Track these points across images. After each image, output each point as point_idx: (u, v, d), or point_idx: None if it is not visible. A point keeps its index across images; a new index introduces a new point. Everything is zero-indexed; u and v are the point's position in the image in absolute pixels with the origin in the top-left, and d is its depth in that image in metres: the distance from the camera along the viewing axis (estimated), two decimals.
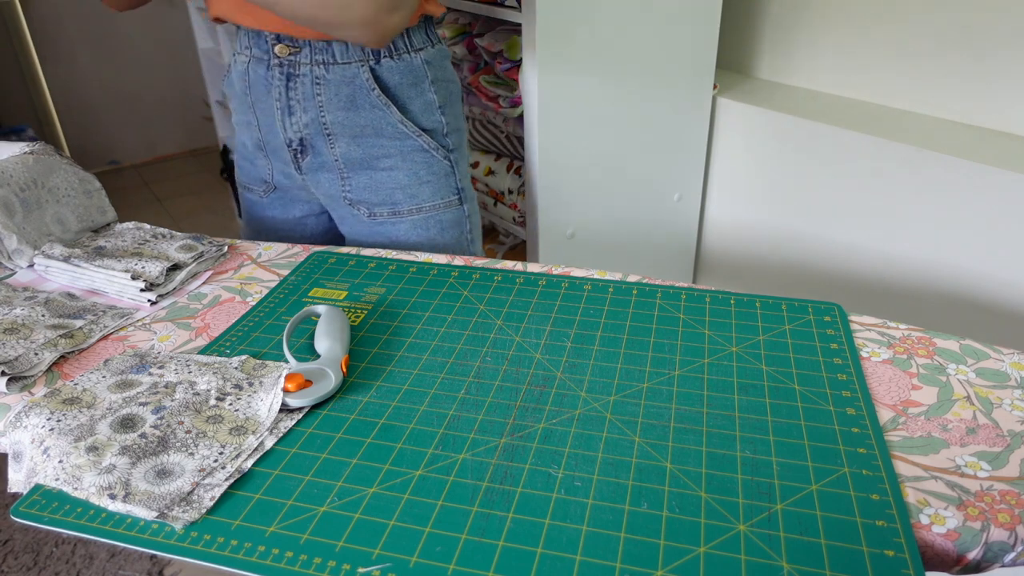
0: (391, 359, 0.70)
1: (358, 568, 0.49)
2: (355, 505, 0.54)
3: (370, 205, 0.98)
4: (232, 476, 0.56)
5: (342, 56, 0.90)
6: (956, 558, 0.50)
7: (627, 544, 0.50)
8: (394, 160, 0.96)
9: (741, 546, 0.49)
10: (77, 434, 0.58)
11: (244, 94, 0.98)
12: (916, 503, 0.52)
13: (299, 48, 0.91)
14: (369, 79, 0.91)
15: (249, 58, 0.95)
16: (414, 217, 0.99)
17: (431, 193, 0.99)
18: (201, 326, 0.77)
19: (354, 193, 0.98)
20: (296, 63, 0.91)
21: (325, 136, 0.95)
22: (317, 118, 0.94)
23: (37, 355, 0.70)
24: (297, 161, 0.98)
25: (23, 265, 0.87)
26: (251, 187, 1.07)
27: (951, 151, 1.09)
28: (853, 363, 0.67)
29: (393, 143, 0.95)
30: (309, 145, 0.96)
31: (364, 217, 0.99)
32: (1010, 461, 0.56)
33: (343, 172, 0.97)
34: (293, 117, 0.94)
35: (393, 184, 0.97)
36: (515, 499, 0.53)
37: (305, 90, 0.92)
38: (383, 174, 0.97)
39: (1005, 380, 0.65)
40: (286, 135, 0.96)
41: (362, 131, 0.94)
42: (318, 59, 0.91)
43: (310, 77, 0.92)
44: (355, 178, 0.97)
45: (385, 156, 0.96)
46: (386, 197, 0.98)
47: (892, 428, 0.60)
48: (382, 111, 0.93)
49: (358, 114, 0.93)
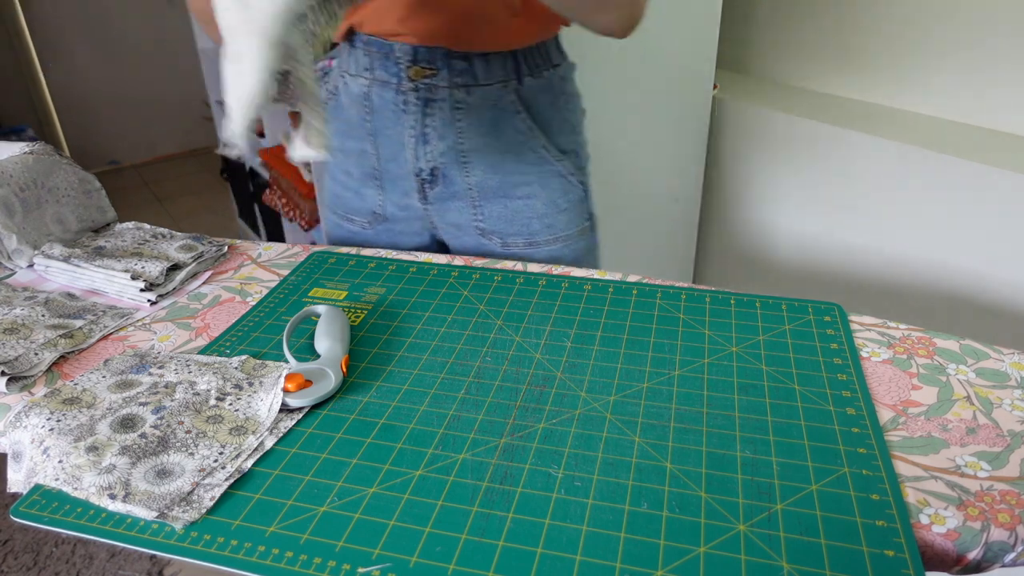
0: (391, 359, 0.70)
1: (358, 568, 0.49)
2: (355, 505, 0.53)
3: (504, 235, 0.92)
4: (232, 476, 0.56)
5: (485, 77, 0.83)
6: (956, 558, 0.50)
7: (627, 544, 0.50)
8: (532, 188, 0.90)
9: (741, 546, 0.49)
10: (77, 434, 0.58)
11: (363, 120, 0.89)
12: (916, 503, 0.52)
13: (436, 70, 0.83)
14: (514, 101, 0.84)
15: (371, 81, 0.86)
16: (551, 247, 0.93)
17: (567, 222, 0.93)
18: (201, 326, 0.77)
19: (487, 223, 0.91)
20: (433, 86, 0.83)
21: (461, 164, 0.88)
22: (455, 145, 0.86)
23: (37, 355, 0.70)
24: (424, 191, 0.91)
25: (23, 265, 0.87)
26: (352, 218, 0.98)
27: (951, 151, 1.09)
28: (853, 363, 0.67)
29: (532, 169, 0.89)
30: (441, 175, 0.89)
31: (496, 247, 0.93)
32: (1010, 461, 0.56)
33: (475, 201, 0.90)
34: (428, 146, 0.87)
35: (530, 213, 0.91)
36: (515, 499, 0.53)
37: (444, 116, 0.85)
38: (520, 202, 0.90)
39: (1005, 380, 0.65)
40: (416, 164, 0.89)
41: (502, 158, 0.87)
42: (458, 81, 0.83)
43: (449, 101, 0.84)
44: (489, 207, 0.90)
45: (524, 184, 0.89)
46: (522, 227, 0.91)
47: (892, 428, 0.60)
48: (525, 136, 0.86)
49: (499, 140, 0.86)
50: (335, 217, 1.00)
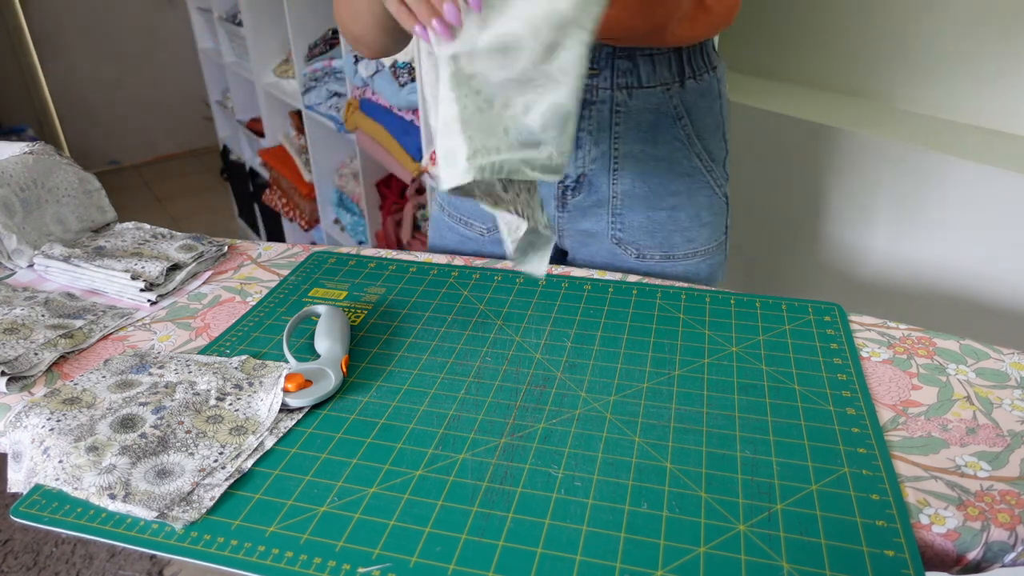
0: (391, 359, 0.70)
1: (358, 568, 0.49)
2: (355, 505, 0.53)
3: (641, 247, 0.86)
4: (232, 476, 0.56)
5: (648, 79, 0.78)
6: (956, 558, 0.50)
7: (627, 544, 0.50)
8: (679, 199, 0.85)
9: (741, 546, 0.49)
10: (77, 434, 0.58)
11: None
12: (916, 503, 0.52)
13: (597, 70, 0.78)
14: (677, 106, 0.80)
15: None
16: (687, 262, 0.88)
17: (708, 236, 0.88)
18: (201, 326, 0.77)
19: (626, 233, 0.86)
20: (594, 87, 0.78)
21: (611, 171, 0.83)
22: (608, 151, 0.81)
23: (37, 355, 0.70)
24: (564, 198, 0.86)
25: (23, 265, 0.87)
26: (470, 222, 0.93)
27: (952, 151, 1.09)
28: (853, 363, 0.67)
29: (682, 181, 0.84)
30: (586, 182, 0.84)
31: (630, 258, 0.87)
32: (1010, 461, 0.56)
33: (616, 209, 0.85)
34: (580, 151, 0.82)
35: (672, 226, 0.85)
36: (515, 499, 0.53)
37: (602, 119, 0.80)
38: (663, 214, 0.85)
39: (1005, 380, 0.65)
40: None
41: (655, 166, 0.82)
42: (620, 82, 0.78)
43: (609, 104, 0.79)
44: (629, 216, 0.85)
45: (671, 195, 0.84)
46: (663, 240, 0.86)
47: (892, 428, 0.60)
48: (683, 144, 0.82)
49: (656, 147, 0.81)
50: (449, 220, 0.95)
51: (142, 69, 3.61)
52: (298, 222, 2.42)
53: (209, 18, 2.64)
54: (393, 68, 1.58)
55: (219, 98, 2.91)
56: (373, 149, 1.72)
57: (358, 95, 1.75)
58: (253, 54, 2.29)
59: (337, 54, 1.91)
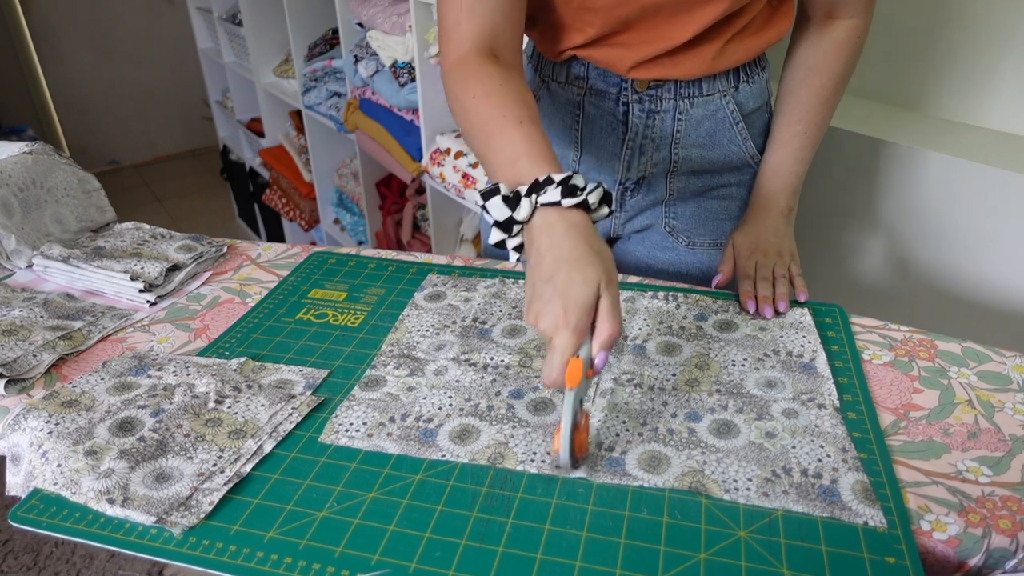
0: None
1: (357, 574, 0.48)
2: (354, 510, 0.53)
3: (691, 235, 0.89)
4: (231, 480, 0.56)
5: (708, 87, 0.80)
6: (957, 564, 0.50)
7: (627, 550, 0.49)
8: (730, 189, 0.87)
9: (741, 552, 0.49)
10: (75, 437, 0.58)
11: (569, 129, 0.85)
12: (917, 509, 0.52)
13: (661, 81, 0.79)
14: (734, 111, 0.81)
15: (584, 90, 0.82)
16: None
17: None
18: (200, 327, 0.76)
19: (679, 221, 0.89)
20: (658, 97, 0.80)
21: (668, 173, 0.85)
22: (669, 156, 0.83)
23: (36, 357, 0.70)
24: (623, 199, 0.88)
25: (22, 265, 0.87)
26: None
27: (951, 151, 1.09)
28: (854, 366, 0.67)
29: (734, 174, 0.87)
30: (645, 184, 0.86)
31: (681, 246, 0.89)
32: (1012, 466, 0.55)
33: (671, 203, 0.88)
34: (643, 157, 0.84)
35: (723, 215, 0.88)
36: (515, 504, 0.53)
37: (664, 127, 0.81)
38: (714, 203, 0.88)
39: (1007, 383, 0.64)
40: (624, 175, 0.85)
41: (711, 166, 0.85)
42: (683, 92, 0.79)
43: (672, 112, 0.80)
44: (682, 207, 0.88)
45: (723, 186, 0.87)
46: (714, 228, 0.89)
47: (893, 432, 0.59)
48: (739, 147, 0.84)
49: (713, 150, 0.83)
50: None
51: (142, 69, 3.61)
52: (298, 222, 2.42)
53: (209, 18, 2.64)
54: (393, 68, 1.58)
55: (219, 98, 2.91)
56: (373, 149, 1.72)
57: (358, 95, 1.75)
58: (253, 54, 2.28)
59: (337, 54, 1.91)
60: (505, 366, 0.67)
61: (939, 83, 1.22)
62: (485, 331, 0.73)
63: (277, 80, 2.30)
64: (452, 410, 0.62)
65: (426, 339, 0.72)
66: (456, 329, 0.73)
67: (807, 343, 0.69)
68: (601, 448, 0.58)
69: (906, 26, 1.23)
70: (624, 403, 0.62)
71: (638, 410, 0.61)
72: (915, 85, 1.26)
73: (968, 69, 1.17)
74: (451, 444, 0.59)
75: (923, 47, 1.22)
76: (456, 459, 0.57)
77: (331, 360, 0.70)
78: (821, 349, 0.68)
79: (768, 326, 0.72)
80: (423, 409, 0.62)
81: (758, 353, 0.68)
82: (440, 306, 0.77)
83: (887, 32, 1.25)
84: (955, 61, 1.18)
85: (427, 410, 0.62)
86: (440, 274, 0.84)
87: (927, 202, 1.13)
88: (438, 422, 0.61)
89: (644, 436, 0.59)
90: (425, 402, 0.63)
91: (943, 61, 1.20)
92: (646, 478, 0.55)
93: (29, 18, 3.27)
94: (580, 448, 0.54)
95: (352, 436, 0.60)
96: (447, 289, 0.80)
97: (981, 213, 1.06)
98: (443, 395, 0.64)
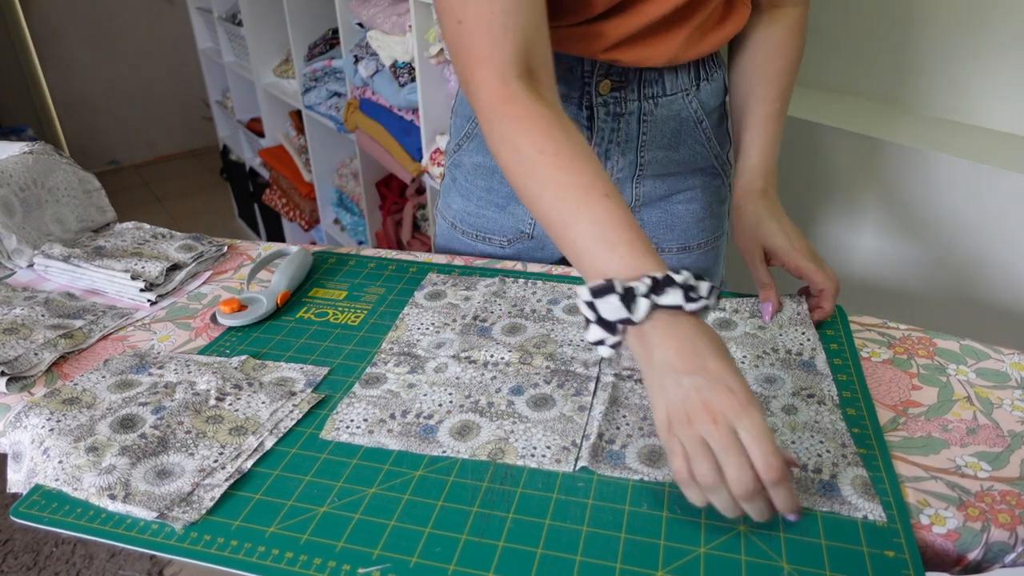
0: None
1: (358, 569, 0.49)
2: (355, 505, 0.53)
3: (659, 241, 0.88)
4: (232, 476, 0.56)
5: (671, 87, 0.78)
6: (956, 558, 0.50)
7: (627, 544, 0.50)
8: (694, 192, 0.87)
9: (741, 546, 0.49)
10: (77, 434, 0.58)
11: None
12: (916, 503, 0.52)
13: (625, 82, 0.77)
14: (697, 110, 0.81)
15: None
16: (702, 250, 0.90)
17: (716, 224, 0.90)
18: (201, 326, 0.76)
19: (646, 229, 0.87)
20: (622, 100, 0.78)
21: (633, 178, 0.84)
22: (635, 160, 0.82)
23: (37, 355, 0.70)
24: None
25: (23, 265, 0.87)
26: (489, 238, 0.90)
27: (951, 150, 1.09)
28: (853, 363, 0.67)
29: (697, 176, 0.86)
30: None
31: None
32: (1010, 461, 0.56)
33: (636, 210, 0.87)
34: (608, 162, 0.82)
35: (690, 218, 0.88)
36: (515, 499, 0.53)
37: (629, 130, 0.80)
38: (680, 207, 0.87)
39: (1005, 380, 0.65)
40: None
41: (676, 168, 0.84)
42: (647, 92, 0.78)
43: (637, 114, 0.79)
44: (649, 212, 0.87)
45: (687, 189, 0.86)
46: (681, 232, 0.88)
47: (892, 428, 0.60)
48: (703, 146, 0.83)
49: (678, 151, 0.83)
50: (464, 237, 0.93)
51: (142, 69, 3.61)
52: (298, 222, 2.42)
53: (209, 18, 2.64)
54: (393, 68, 1.58)
55: (219, 98, 2.91)
56: (373, 149, 1.72)
57: (358, 95, 1.75)
58: (253, 54, 2.29)
59: (337, 54, 1.91)
60: (505, 363, 0.68)
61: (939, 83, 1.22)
62: (485, 329, 0.73)
63: (277, 80, 2.30)
64: (452, 406, 0.62)
65: (426, 337, 0.72)
66: (456, 327, 0.73)
67: (806, 341, 0.69)
68: (602, 439, 0.58)
69: (905, 25, 1.23)
70: (624, 398, 0.62)
71: (638, 404, 0.62)
72: (914, 85, 1.26)
73: (968, 69, 1.17)
74: (451, 440, 0.59)
75: (923, 47, 1.22)
76: (456, 455, 0.57)
77: (332, 358, 0.70)
78: (821, 347, 0.68)
79: (767, 324, 0.72)
80: (423, 406, 0.63)
81: (757, 351, 0.68)
82: (440, 304, 0.78)
83: (886, 31, 1.26)
84: (955, 61, 1.18)
85: (427, 407, 0.63)
86: (440, 273, 0.84)
87: (926, 201, 1.13)
88: (438, 418, 0.61)
89: (644, 430, 0.59)
90: (425, 399, 0.63)
91: (942, 61, 1.20)
92: (646, 472, 0.55)
93: (29, 18, 3.27)
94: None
95: (353, 432, 0.60)
96: (447, 288, 0.81)
97: (980, 212, 1.06)
98: (443, 392, 0.64)
